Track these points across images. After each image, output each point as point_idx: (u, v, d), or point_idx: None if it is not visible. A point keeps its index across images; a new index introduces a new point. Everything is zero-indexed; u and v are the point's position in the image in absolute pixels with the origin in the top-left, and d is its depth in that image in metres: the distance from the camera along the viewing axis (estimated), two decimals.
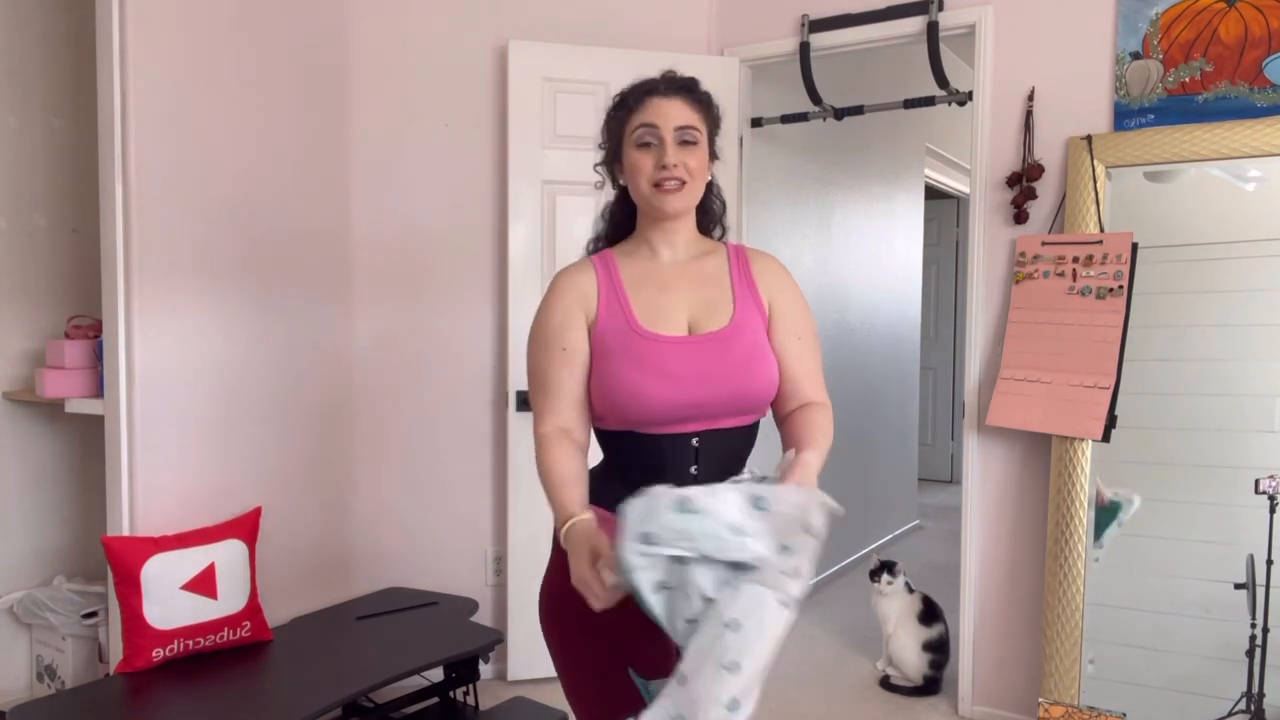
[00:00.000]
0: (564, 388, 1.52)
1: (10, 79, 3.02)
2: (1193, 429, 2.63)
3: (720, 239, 1.69)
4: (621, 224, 1.65)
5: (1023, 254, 2.85)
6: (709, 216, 1.66)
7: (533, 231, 3.14)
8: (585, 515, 1.40)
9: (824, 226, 4.38)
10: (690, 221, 1.60)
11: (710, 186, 1.64)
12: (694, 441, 1.49)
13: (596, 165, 1.65)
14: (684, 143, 1.51)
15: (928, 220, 5.93)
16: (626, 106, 1.55)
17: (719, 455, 1.52)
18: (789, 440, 1.55)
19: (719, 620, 1.25)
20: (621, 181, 1.60)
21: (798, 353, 1.58)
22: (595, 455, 1.58)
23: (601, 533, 1.37)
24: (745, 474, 1.43)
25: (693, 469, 1.49)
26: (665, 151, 1.50)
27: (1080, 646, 2.70)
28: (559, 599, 1.54)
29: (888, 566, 3.34)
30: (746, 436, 1.56)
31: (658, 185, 1.51)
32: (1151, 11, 2.69)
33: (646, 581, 1.27)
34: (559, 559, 1.56)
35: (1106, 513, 2.74)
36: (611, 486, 1.51)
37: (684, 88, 1.54)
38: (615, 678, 1.48)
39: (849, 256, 4.60)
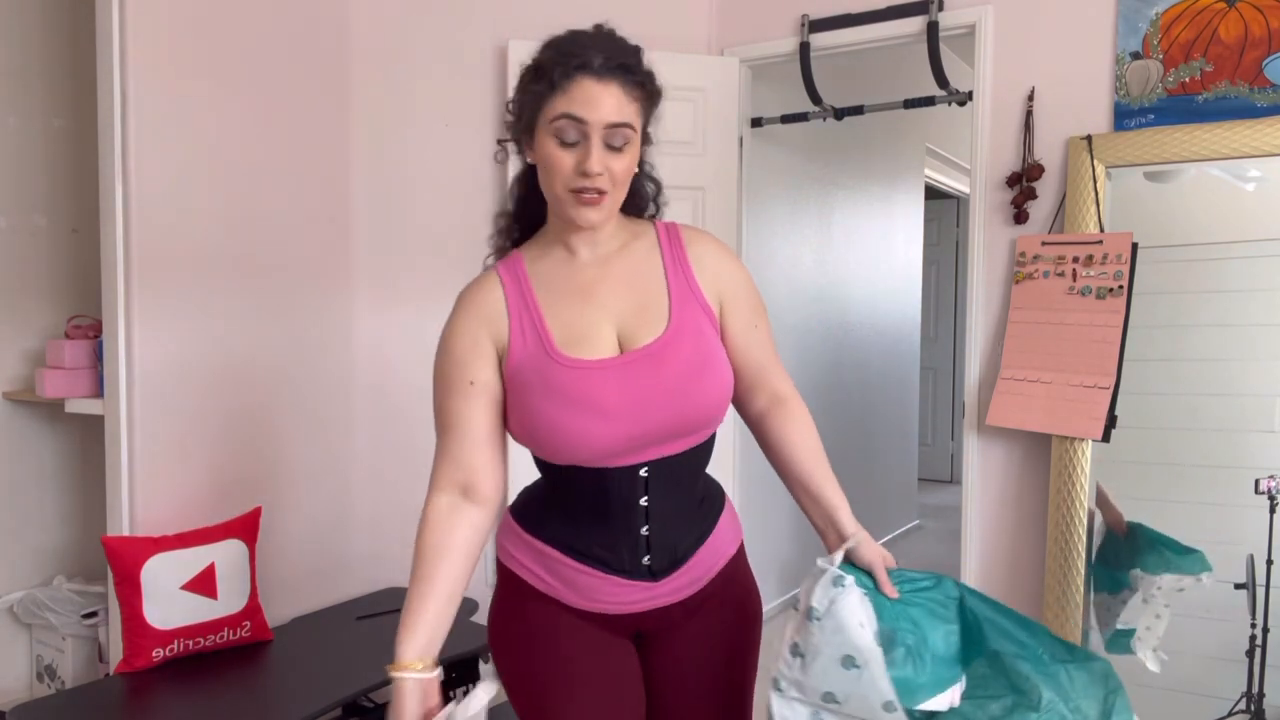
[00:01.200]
0: (472, 427, 1.30)
1: (10, 79, 3.02)
2: (1193, 429, 2.63)
3: (651, 218, 1.43)
4: (533, 208, 1.38)
5: (1023, 254, 2.85)
6: (639, 199, 1.40)
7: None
8: (421, 675, 1.21)
9: (824, 226, 4.38)
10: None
11: (640, 167, 1.37)
12: (642, 473, 1.30)
13: (502, 141, 1.38)
14: (611, 146, 1.24)
15: (928, 220, 5.93)
16: (550, 82, 1.25)
17: (671, 482, 1.34)
18: (789, 466, 1.41)
19: None
20: (530, 160, 1.32)
21: (758, 341, 1.40)
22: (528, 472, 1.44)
23: (434, 695, 1.22)
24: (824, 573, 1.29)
25: (643, 500, 1.31)
26: (589, 156, 1.22)
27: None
28: (504, 627, 1.43)
29: None
30: (700, 455, 1.37)
31: (576, 192, 1.24)
32: (1151, 11, 2.69)
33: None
34: (504, 588, 1.44)
35: (1124, 549, 2.52)
36: (555, 521, 1.36)
37: (622, 69, 1.25)
38: (560, 705, 1.34)
39: (849, 256, 4.60)
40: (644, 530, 1.33)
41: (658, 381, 1.27)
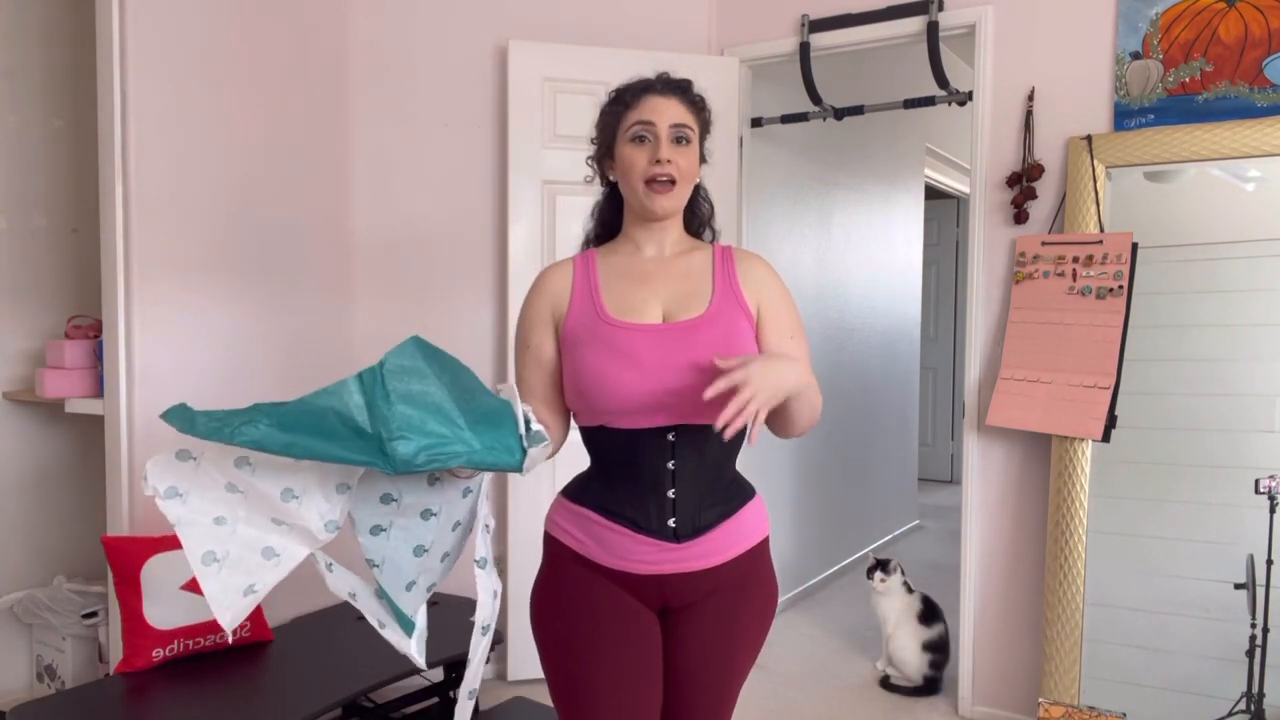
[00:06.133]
0: (529, 384, 1.55)
1: (10, 79, 3.02)
2: (1193, 429, 2.63)
3: (710, 242, 1.67)
4: (610, 223, 1.65)
5: (1023, 254, 2.85)
6: (697, 219, 1.65)
7: (532, 231, 3.14)
8: None
9: (824, 226, 4.38)
10: (677, 223, 1.59)
11: (698, 190, 1.63)
12: (670, 436, 1.46)
13: (588, 159, 1.64)
14: (678, 140, 1.51)
15: (928, 220, 5.93)
16: (623, 103, 1.54)
17: (697, 452, 1.48)
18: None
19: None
20: (612, 178, 1.59)
21: (793, 351, 1.55)
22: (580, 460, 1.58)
23: None
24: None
25: (670, 464, 1.47)
26: (660, 147, 1.49)
27: (1080, 646, 2.70)
28: (542, 596, 1.57)
29: (882, 564, 3.34)
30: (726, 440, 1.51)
31: (649, 182, 1.50)
32: (1151, 11, 2.70)
33: None
34: (549, 563, 1.59)
35: None
36: (594, 488, 1.54)
37: (680, 88, 1.55)
38: (598, 681, 1.48)
39: (849, 256, 4.60)
40: (670, 493, 1.48)
41: (688, 352, 1.45)
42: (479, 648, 1.44)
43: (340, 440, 1.21)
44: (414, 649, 1.43)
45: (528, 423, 1.32)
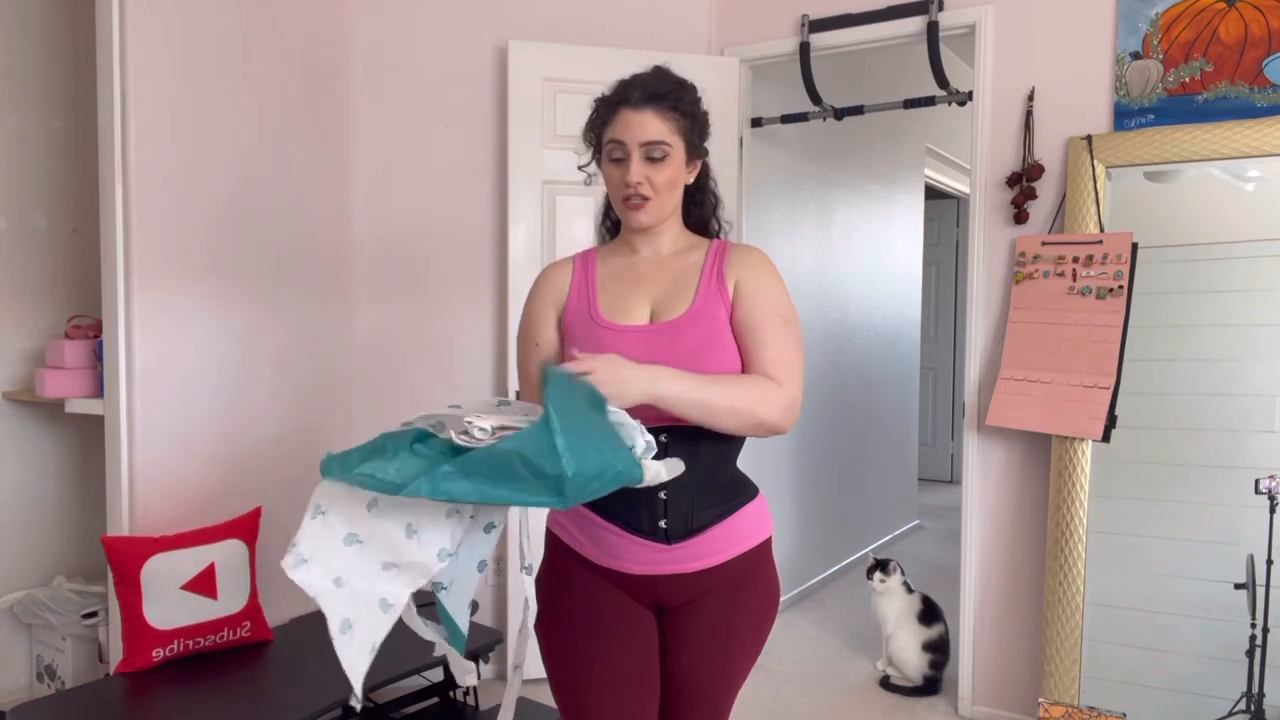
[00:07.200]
0: (536, 382, 1.54)
1: (10, 79, 3.02)
2: (1193, 429, 2.63)
3: (716, 235, 1.66)
4: (617, 222, 1.67)
5: (1023, 254, 2.85)
6: (702, 211, 1.65)
7: (533, 231, 3.14)
8: None
9: (824, 226, 4.38)
10: (673, 223, 1.59)
11: (700, 185, 1.62)
12: (661, 438, 1.44)
13: (582, 166, 1.66)
14: (650, 159, 1.50)
15: (928, 220, 5.93)
16: (601, 116, 1.55)
17: (689, 454, 1.46)
18: None
19: None
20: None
21: (767, 334, 1.50)
22: None
23: None
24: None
25: None
26: (629, 168, 1.50)
27: (1080, 647, 2.70)
28: (548, 597, 1.58)
29: (881, 565, 3.34)
30: (720, 440, 1.50)
31: (625, 200, 1.53)
32: (1151, 11, 2.70)
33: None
34: (549, 559, 1.61)
35: None
36: None
37: (654, 98, 1.51)
38: (594, 676, 1.50)
39: (849, 256, 4.60)
40: (661, 494, 1.48)
41: (672, 350, 1.47)
42: (523, 650, 1.47)
43: (519, 482, 1.19)
44: (467, 667, 1.43)
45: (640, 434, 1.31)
